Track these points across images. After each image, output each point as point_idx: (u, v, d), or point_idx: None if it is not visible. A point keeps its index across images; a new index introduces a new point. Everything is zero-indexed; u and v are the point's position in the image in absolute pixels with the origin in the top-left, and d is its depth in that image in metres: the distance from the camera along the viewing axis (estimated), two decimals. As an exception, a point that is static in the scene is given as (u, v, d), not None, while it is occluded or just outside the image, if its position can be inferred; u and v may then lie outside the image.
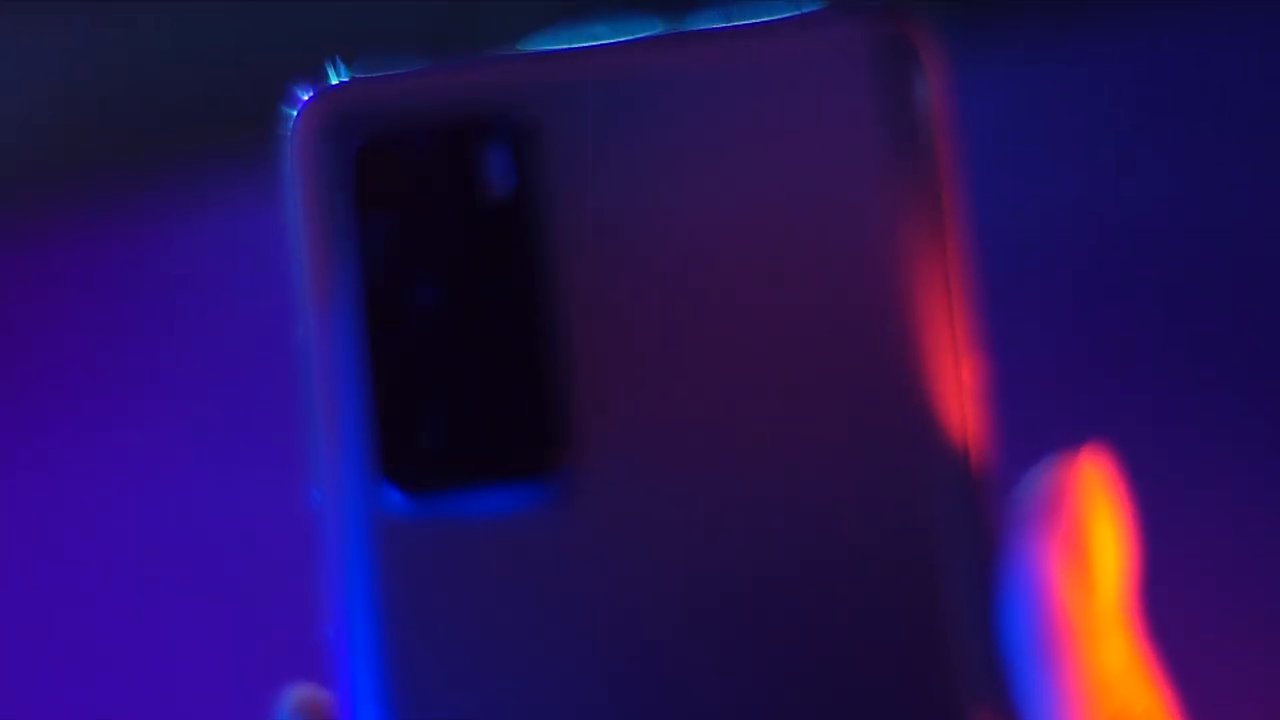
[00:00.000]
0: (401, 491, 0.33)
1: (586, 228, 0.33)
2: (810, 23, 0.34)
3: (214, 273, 1.33)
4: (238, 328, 1.26)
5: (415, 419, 0.33)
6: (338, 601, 0.33)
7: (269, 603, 1.12)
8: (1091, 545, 0.33)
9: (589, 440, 0.33)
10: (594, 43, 0.34)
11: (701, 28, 0.34)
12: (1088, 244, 1.18)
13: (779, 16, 0.34)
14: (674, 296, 0.33)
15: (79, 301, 1.34)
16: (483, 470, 0.33)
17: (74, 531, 1.25)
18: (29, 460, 1.28)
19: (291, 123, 0.34)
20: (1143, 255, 1.18)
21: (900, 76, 0.33)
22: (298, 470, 0.33)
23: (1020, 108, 1.23)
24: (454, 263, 0.33)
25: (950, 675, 0.33)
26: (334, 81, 0.34)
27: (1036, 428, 0.41)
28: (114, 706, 1.18)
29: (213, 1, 1.43)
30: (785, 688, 0.33)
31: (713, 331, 0.33)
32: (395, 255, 0.33)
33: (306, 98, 0.34)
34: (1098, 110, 1.23)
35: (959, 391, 0.33)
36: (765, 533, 0.33)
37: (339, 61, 0.35)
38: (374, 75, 0.34)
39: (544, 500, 0.33)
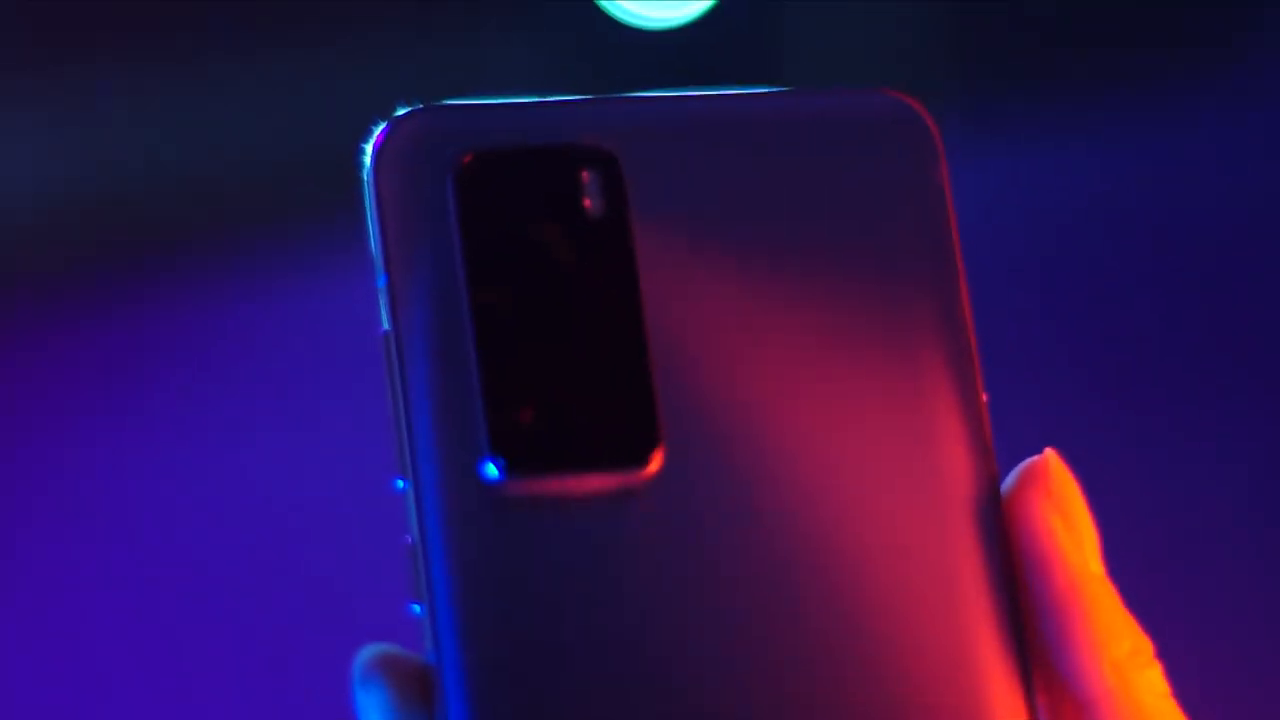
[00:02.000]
0: (504, 469, 0.34)
1: (664, 246, 0.36)
2: (843, 94, 0.39)
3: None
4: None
5: (519, 404, 0.35)
6: (435, 570, 0.34)
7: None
8: (1078, 516, 0.39)
9: (672, 434, 0.35)
10: (661, 93, 0.38)
11: (751, 90, 0.38)
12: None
13: (816, 89, 0.39)
14: (739, 309, 0.36)
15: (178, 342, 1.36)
16: (578, 455, 0.35)
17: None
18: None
19: (387, 135, 0.35)
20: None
21: (911, 137, 0.38)
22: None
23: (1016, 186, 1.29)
24: (552, 268, 0.35)
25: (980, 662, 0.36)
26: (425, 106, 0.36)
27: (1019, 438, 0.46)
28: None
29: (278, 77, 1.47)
30: (834, 668, 0.35)
31: (769, 338, 0.36)
32: (499, 261, 0.35)
33: (404, 114, 0.36)
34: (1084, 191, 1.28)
35: (978, 404, 0.38)
36: (819, 523, 0.35)
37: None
38: (464, 101, 0.37)
39: (632, 487, 0.35)
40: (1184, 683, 0.39)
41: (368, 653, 0.36)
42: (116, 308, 1.39)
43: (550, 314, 0.35)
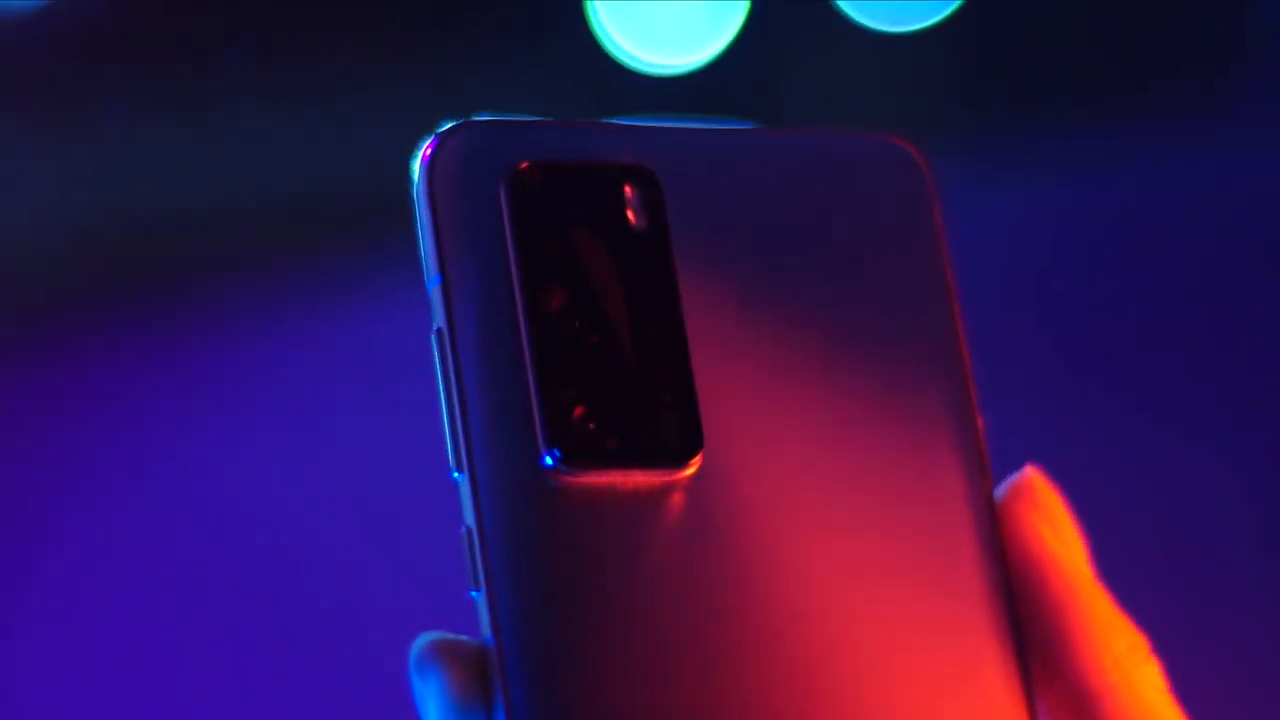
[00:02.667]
0: (558, 461, 0.35)
1: (699, 261, 0.37)
2: (849, 135, 0.42)
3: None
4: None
5: (573, 402, 0.36)
6: (494, 554, 0.35)
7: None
8: (1064, 525, 0.41)
9: (711, 439, 0.36)
10: (689, 123, 0.40)
11: (765, 128, 0.41)
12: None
13: (825, 129, 0.42)
14: (764, 326, 0.38)
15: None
16: (626, 453, 0.36)
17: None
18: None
19: (440, 143, 0.36)
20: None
21: (906, 177, 0.40)
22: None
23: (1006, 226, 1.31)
24: (600, 275, 0.37)
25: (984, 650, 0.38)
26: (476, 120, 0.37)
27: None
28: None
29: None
30: (848, 664, 0.37)
31: (790, 358, 0.38)
32: (550, 265, 0.36)
33: (456, 125, 0.37)
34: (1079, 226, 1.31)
35: (974, 427, 0.40)
36: (837, 527, 0.37)
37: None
38: (510, 117, 0.38)
39: (673, 485, 0.36)
40: (1181, 680, 0.40)
41: (424, 640, 0.36)
42: (156, 325, 1.41)
43: (599, 318, 0.36)
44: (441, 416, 0.36)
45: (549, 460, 0.35)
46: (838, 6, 1.56)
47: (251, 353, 1.39)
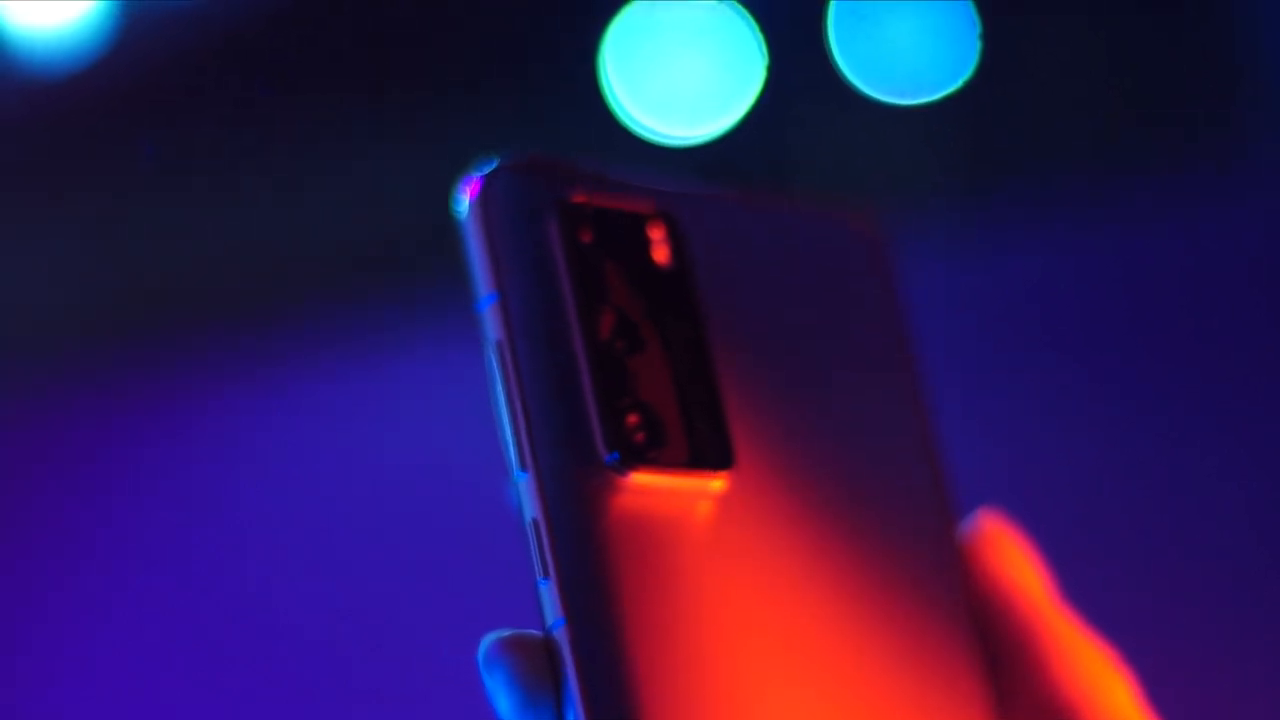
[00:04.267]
0: (618, 462, 0.38)
1: (715, 295, 0.41)
2: (828, 205, 0.46)
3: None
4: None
5: (626, 410, 0.39)
6: (561, 543, 0.37)
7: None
8: (1023, 560, 0.44)
9: (745, 446, 0.40)
10: (708, 184, 0.44)
11: (763, 193, 0.45)
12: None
13: (811, 198, 0.46)
14: (766, 353, 0.42)
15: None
16: (675, 457, 0.39)
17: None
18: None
19: (493, 174, 0.39)
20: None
21: (869, 244, 0.45)
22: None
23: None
24: (641, 301, 0.40)
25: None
26: (525, 154, 0.40)
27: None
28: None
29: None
30: (848, 673, 0.40)
31: (799, 390, 0.42)
32: (598, 287, 0.39)
33: (507, 158, 0.39)
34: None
35: (941, 473, 0.44)
36: (853, 520, 0.41)
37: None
38: (556, 156, 0.40)
39: (712, 489, 0.39)
40: (1157, 689, 0.43)
41: (490, 638, 0.38)
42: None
43: (641, 337, 0.40)
44: (501, 420, 0.39)
45: (607, 459, 0.38)
46: (848, 81, 1.59)
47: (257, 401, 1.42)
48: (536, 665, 0.37)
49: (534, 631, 0.38)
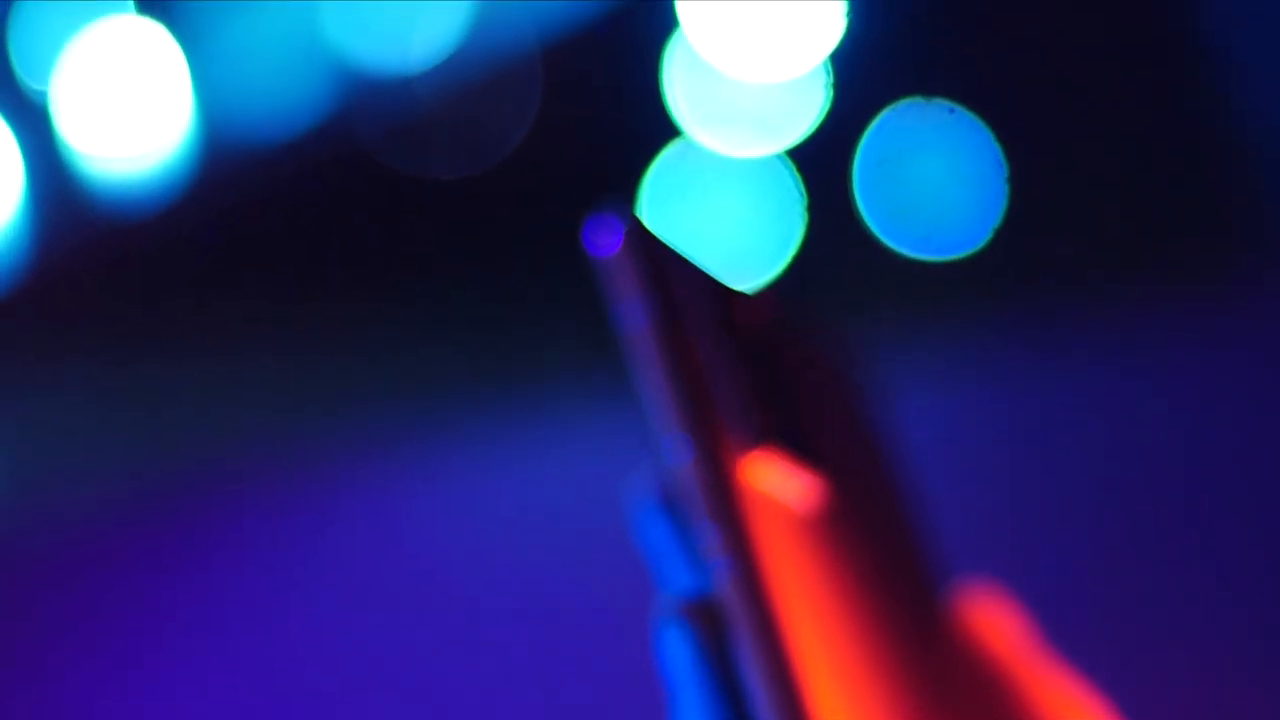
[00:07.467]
0: (760, 441, 0.42)
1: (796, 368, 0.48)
2: (826, 325, 0.54)
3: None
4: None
5: (759, 407, 0.43)
6: (722, 525, 0.40)
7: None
8: (1001, 618, 0.51)
9: (821, 462, 0.46)
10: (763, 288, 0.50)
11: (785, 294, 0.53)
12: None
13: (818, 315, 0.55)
14: (830, 406, 0.49)
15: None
16: (789, 448, 0.44)
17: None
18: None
19: (631, 226, 0.41)
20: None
21: (854, 354, 0.55)
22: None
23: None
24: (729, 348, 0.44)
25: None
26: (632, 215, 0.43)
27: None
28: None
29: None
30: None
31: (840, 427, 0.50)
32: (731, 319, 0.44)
33: (628, 213, 0.42)
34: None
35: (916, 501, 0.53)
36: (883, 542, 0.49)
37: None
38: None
39: (819, 477, 0.46)
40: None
41: (666, 601, 0.40)
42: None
43: (733, 357, 0.44)
44: (654, 403, 0.40)
45: (756, 440, 0.43)
46: (882, 240, 1.68)
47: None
48: (710, 628, 0.39)
49: (703, 597, 0.40)
